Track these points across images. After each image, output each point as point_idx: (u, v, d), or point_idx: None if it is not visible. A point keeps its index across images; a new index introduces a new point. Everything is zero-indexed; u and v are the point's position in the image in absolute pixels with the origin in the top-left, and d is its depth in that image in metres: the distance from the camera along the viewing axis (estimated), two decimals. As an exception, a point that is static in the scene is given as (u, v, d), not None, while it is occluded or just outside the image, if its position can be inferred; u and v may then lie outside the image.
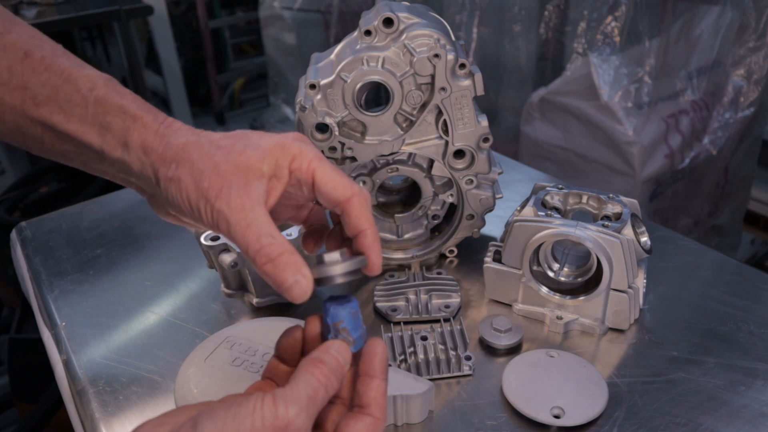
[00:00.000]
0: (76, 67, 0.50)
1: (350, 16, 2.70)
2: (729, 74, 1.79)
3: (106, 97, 0.49)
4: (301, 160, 0.48)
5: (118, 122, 0.49)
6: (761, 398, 0.61)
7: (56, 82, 0.49)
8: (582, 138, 1.78)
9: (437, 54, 0.68)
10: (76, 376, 0.68)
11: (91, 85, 0.49)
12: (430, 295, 0.76)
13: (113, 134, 0.49)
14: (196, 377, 0.62)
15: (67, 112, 0.49)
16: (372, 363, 0.45)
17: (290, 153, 0.48)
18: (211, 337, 0.68)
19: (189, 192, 0.47)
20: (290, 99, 3.12)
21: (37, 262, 0.89)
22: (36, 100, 0.48)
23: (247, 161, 0.47)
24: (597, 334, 0.70)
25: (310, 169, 0.48)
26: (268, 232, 0.45)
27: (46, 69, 0.49)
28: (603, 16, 1.71)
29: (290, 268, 0.44)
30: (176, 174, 0.47)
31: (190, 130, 0.50)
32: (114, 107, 0.49)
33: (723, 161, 1.88)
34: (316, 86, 0.70)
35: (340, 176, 0.48)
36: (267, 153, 0.47)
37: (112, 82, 0.50)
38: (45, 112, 0.49)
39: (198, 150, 0.47)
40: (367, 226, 0.48)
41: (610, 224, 0.69)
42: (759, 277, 0.79)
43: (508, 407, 0.61)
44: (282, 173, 0.48)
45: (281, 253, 0.44)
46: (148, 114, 0.49)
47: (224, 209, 0.45)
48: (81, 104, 0.49)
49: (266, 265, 0.44)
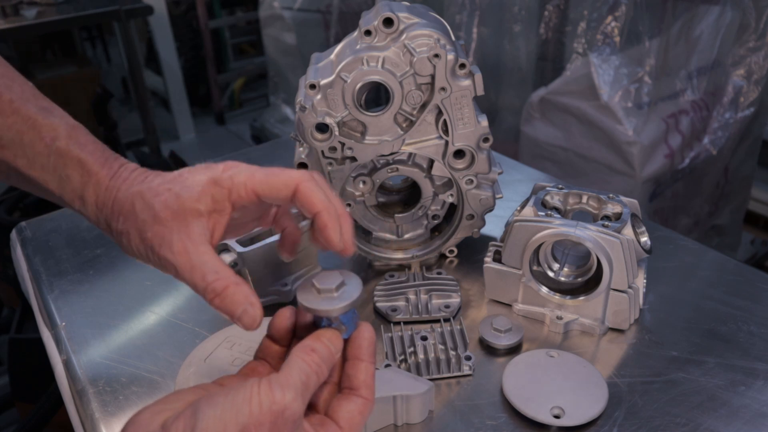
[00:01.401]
0: (42, 113, 0.50)
1: (350, 16, 2.69)
2: (729, 74, 1.79)
3: (67, 149, 0.50)
4: (238, 189, 0.49)
5: (76, 177, 0.50)
6: (761, 398, 0.61)
7: (21, 127, 0.50)
8: (582, 138, 1.78)
9: (437, 54, 0.68)
10: (76, 376, 0.68)
11: (54, 135, 0.50)
12: (430, 295, 0.76)
13: (72, 187, 0.51)
14: (196, 377, 0.62)
15: (29, 158, 0.50)
16: (361, 347, 0.48)
17: (224, 187, 0.49)
18: (211, 337, 0.68)
19: (136, 243, 0.49)
20: (290, 99, 3.12)
21: (37, 262, 0.89)
22: (1, 141, 0.50)
23: (183, 204, 0.48)
24: (597, 334, 0.70)
25: (249, 190, 0.49)
26: (212, 269, 0.47)
27: (13, 113, 0.50)
28: (603, 16, 1.71)
29: (237, 298, 0.46)
30: (124, 227, 0.49)
31: (138, 177, 0.51)
32: (73, 161, 0.50)
33: (723, 161, 1.88)
34: (316, 86, 0.70)
35: (276, 176, 0.49)
36: (201, 192, 0.48)
37: (76, 132, 0.51)
38: (9, 155, 0.50)
39: (140, 201, 0.49)
40: (320, 207, 0.48)
41: (610, 224, 0.69)
42: (759, 277, 0.79)
43: (508, 407, 0.61)
44: (222, 207, 0.49)
45: (226, 287, 0.46)
46: (102, 168, 0.50)
47: (168, 256, 0.47)
48: (43, 153, 0.50)
49: (215, 300, 0.47)
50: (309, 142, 0.72)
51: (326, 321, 0.47)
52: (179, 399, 0.42)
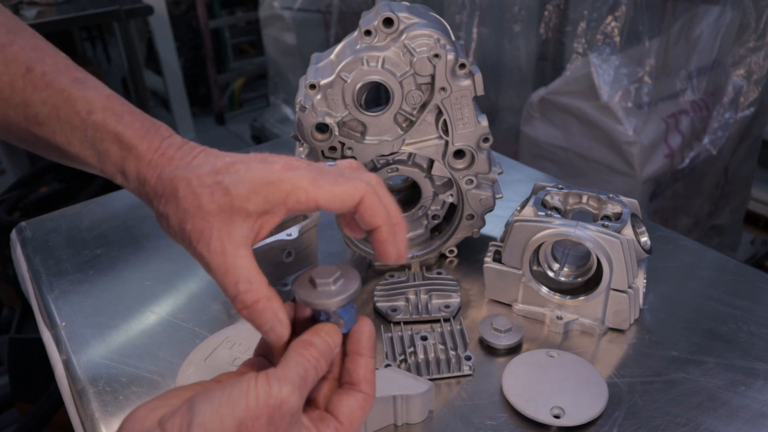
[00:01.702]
0: (76, 85, 0.48)
1: (350, 16, 2.69)
2: (729, 74, 1.79)
3: (104, 123, 0.48)
4: (297, 195, 0.45)
5: (115, 150, 0.48)
6: (761, 398, 0.61)
7: (56, 101, 0.48)
8: (582, 138, 1.78)
9: (437, 54, 0.68)
10: (76, 376, 0.68)
11: (89, 108, 0.48)
12: (430, 295, 0.76)
13: (111, 162, 0.48)
14: (196, 377, 0.62)
15: (67, 134, 0.48)
16: (360, 342, 0.47)
17: (282, 190, 0.45)
18: (211, 337, 0.68)
19: (175, 231, 0.47)
20: (290, 99, 3.12)
21: (37, 262, 0.89)
22: (38, 118, 0.48)
23: (231, 201, 0.45)
24: (597, 334, 0.70)
25: (311, 199, 0.45)
26: (245, 278, 0.44)
27: (47, 86, 0.48)
28: (603, 16, 1.71)
29: (266, 314, 0.44)
30: (165, 210, 0.47)
31: (184, 157, 0.47)
32: (110, 135, 0.48)
33: (723, 161, 1.88)
34: (316, 86, 0.70)
35: (342, 186, 0.46)
36: (253, 191, 0.45)
37: (111, 102, 0.49)
38: (47, 131, 0.48)
39: (185, 187, 0.46)
40: (381, 222, 0.47)
41: (610, 224, 0.69)
42: (759, 277, 0.79)
43: (508, 407, 0.61)
44: (276, 209, 0.46)
45: (257, 300, 0.44)
46: (143, 141, 0.48)
47: (204, 253, 0.45)
48: (80, 127, 0.48)
49: (243, 311, 0.45)
50: (309, 142, 0.72)
51: (324, 315, 0.47)
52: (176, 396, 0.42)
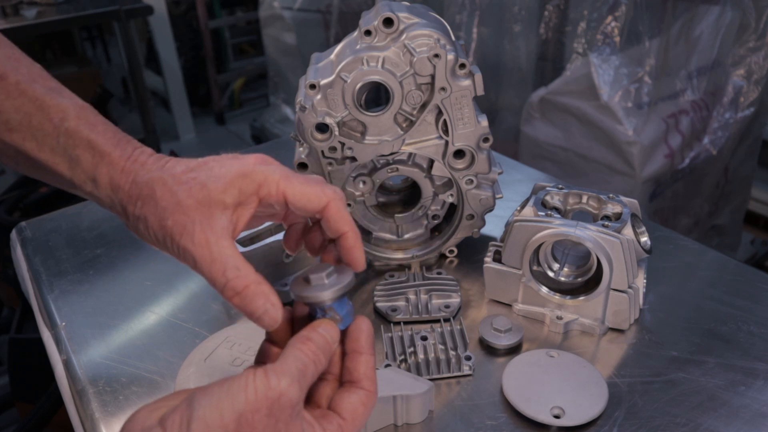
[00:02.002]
0: (50, 94, 0.49)
1: (350, 16, 2.69)
2: (729, 74, 1.79)
3: (77, 130, 0.49)
4: (269, 186, 0.48)
5: (87, 157, 0.49)
6: (761, 398, 0.61)
7: (29, 109, 0.48)
8: (582, 138, 1.78)
9: (437, 54, 0.68)
10: (76, 376, 0.68)
11: (62, 116, 0.49)
12: (430, 295, 0.76)
13: (82, 169, 0.49)
14: (196, 377, 0.62)
15: (38, 140, 0.49)
16: (359, 340, 0.47)
17: (255, 181, 0.47)
18: (211, 337, 0.68)
19: (155, 230, 0.47)
20: (290, 99, 3.12)
21: (37, 262, 0.89)
22: (9, 125, 0.48)
23: (209, 195, 0.46)
24: (597, 334, 0.70)
25: (279, 192, 0.48)
26: (233, 265, 0.45)
27: (21, 94, 0.48)
28: (603, 16, 1.71)
29: (258, 298, 0.45)
30: (142, 212, 0.48)
31: (156, 162, 0.49)
32: (83, 141, 0.49)
33: (723, 161, 1.88)
34: (316, 86, 0.70)
35: (311, 187, 0.48)
36: (229, 183, 0.47)
37: (85, 112, 0.50)
38: (17, 138, 0.49)
39: (161, 187, 0.47)
40: (347, 228, 0.49)
41: (610, 224, 0.69)
42: (759, 277, 0.79)
43: (508, 407, 0.61)
44: (249, 201, 0.48)
45: (247, 285, 0.45)
46: (115, 149, 0.49)
47: (189, 246, 0.46)
48: (52, 134, 0.49)
49: (234, 298, 0.45)
50: (309, 142, 0.72)
51: (320, 312, 0.47)
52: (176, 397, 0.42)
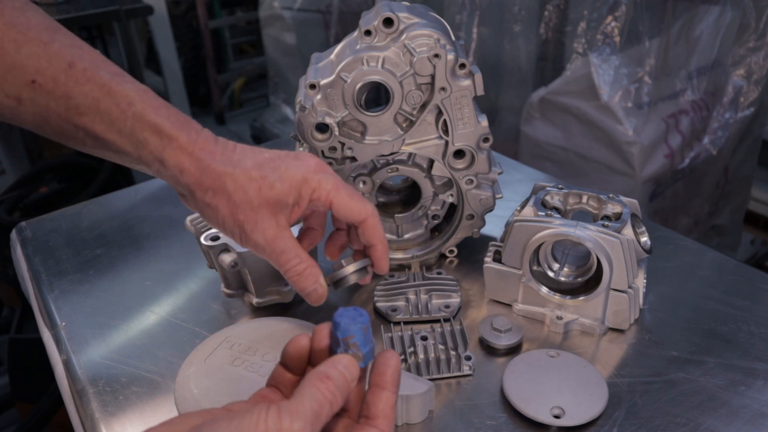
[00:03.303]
0: (115, 79, 0.52)
1: (350, 16, 2.69)
2: (729, 74, 1.79)
3: (143, 114, 0.52)
4: (320, 192, 0.56)
5: (155, 140, 0.52)
6: (761, 398, 0.61)
7: (97, 94, 0.51)
8: (582, 138, 1.78)
9: (437, 54, 0.68)
10: (76, 376, 0.68)
11: (128, 101, 0.52)
12: (430, 295, 0.76)
13: (149, 150, 0.53)
14: (196, 377, 0.62)
15: (107, 123, 0.52)
16: (384, 374, 0.45)
17: (311, 186, 0.56)
18: (211, 337, 0.68)
19: (225, 220, 0.55)
20: (290, 99, 3.12)
21: (37, 262, 0.89)
22: (79, 109, 0.51)
23: (277, 196, 0.55)
24: (597, 334, 0.70)
25: (328, 199, 0.56)
26: (296, 254, 0.56)
27: (88, 80, 0.51)
28: (603, 16, 1.71)
29: (311, 278, 0.57)
30: (213, 201, 0.54)
31: (224, 152, 0.54)
32: (149, 126, 0.52)
33: (723, 161, 1.88)
34: (316, 86, 0.70)
35: (355, 201, 0.57)
36: (292, 187, 0.55)
37: (148, 95, 0.53)
38: (87, 120, 0.52)
39: (233, 183, 0.53)
40: (378, 241, 0.59)
41: (610, 224, 0.69)
42: (759, 277, 0.79)
43: (508, 407, 0.61)
44: (302, 202, 0.56)
45: (306, 268, 0.57)
46: (181, 133, 0.53)
47: (260, 240, 0.55)
48: (120, 118, 0.52)
49: (293, 278, 0.57)
50: (309, 142, 0.72)
51: (343, 347, 0.45)
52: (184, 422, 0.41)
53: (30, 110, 0.51)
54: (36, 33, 0.50)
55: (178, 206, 1.01)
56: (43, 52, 0.50)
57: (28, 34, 0.50)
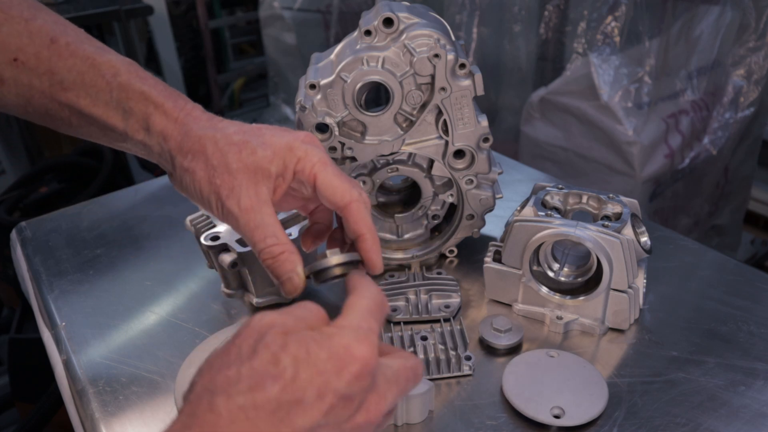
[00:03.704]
0: (99, 52, 0.51)
1: (350, 16, 2.69)
2: (729, 74, 1.79)
3: (129, 83, 0.51)
4: (305, 163, 0.51)
5: (141, 108, 0.51)
6: (761, 398, 0.61)
7: (81, 67, 0.50)
8: (582, 138, 1.78)
9: (437, 54, 0.68)
10: (76, 376, 0.68)
11: (114, 71, 0.51)
12: (430, 295, 0.76)
13: (135, 119, 0.51)
14: (196, 377, 0.62)
15: (92, 96, 0.51)
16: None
17: (296, 155, 0.51)
18: (211, 337, 0.68)
19: (202, 185, 0.50)
20: (290, 99, 3.12)
21: (37, 262, 0.89)
22: (63, 84, 0.50)
23: (258, 162, 0.50)
24: (597, 334, 0.70)
25: (312, 172, 0.51)
26: (272, 232, 0.50)
27: (71, 55, 0.50)
28: (603, 16, 1.71)
29: (287, 264, 0.50)
30: (191, 165, 0.50)
31: (209, 120, 0.52)
32: (136, 93, 0.51)
33: (723, 161, 1.88)
34: (316, 86, 0.70)
35: (341, 181, 0.51)
36: (276, 154, 0.50)
37: (134, 67, 0.52)
38: (72, 96, 0.51)
39: (213, 145, 0.50)
40: (365, 230, 0.51)
41: (610, 224, 0.69)
42: (759, 277, 0.79)
43: (508, 407, 0.61)
44: (287, 173, 0.51)
45: (282, 252, 0.50)
46: (168, 100, 0.51)
47: (234, 209, 0.49)
48: (105, 89, 0.51)
49: (267, 261, 0.50)
50: (309, 142, 0.72)
51: None
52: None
53: (13, 90, 0.51)
54: (17, 11, 0.50)
55: (178, 206, 1.01)
56: (25, 29, 0.50)
57: (9, 12, 0.50)
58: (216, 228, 0.73)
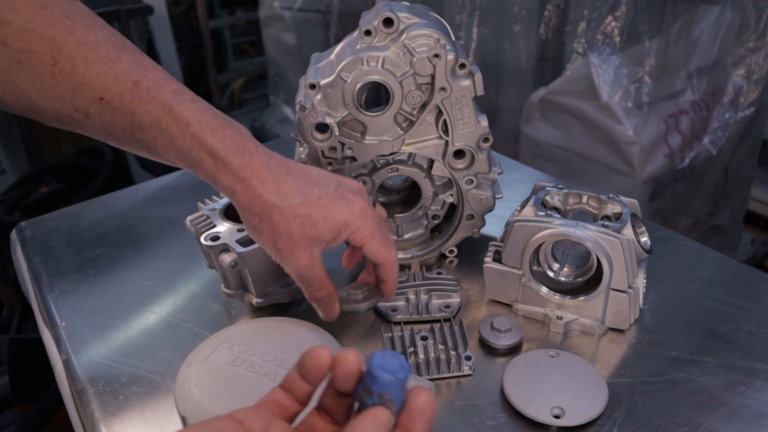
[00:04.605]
0: (176, 99, 0.54)
1: (350, 16, 2.69)
2: (729, 74, 1.79)
3: (200, 136, 0.54)
4: (357, 234, 0.60)
5: (209, 162, 0.55)
6: (761, 398, 0.61)
7: (159, 113, 0.54)
8: (582, 138, 1.78)
9: (437, 54, 0.68)
10: (76, 376, 0.68)
11: (187, 121, 0.54)
12: (430, 295, 0.76)
13: (204, 171, 0.56)
14: (196, 377, 0.62)
15: (167, 141, 0.55)
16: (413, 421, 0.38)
17: (350, 229, 0.60)
18: (211, 337, 0.68)
19: (266, 243, 0.60)
20: (290, 99, 3.12)
21: (37, 262, 0.89)
22: (141, 126, 0.54)
23: (317, 234, 0.58)
24: (597, 334, 0.70)
25: (361, 242, 0.61)
26: (319, 282, 0.62)
27: (152, 99, 0.53)
28: (603, 16, 1.71)
29: (328, 306, 0.64)
30: (258, 226, 0.58)
31: (274, 183, 0.57)
32: (205, 147, 0.55)
33: (723, 161, 1.88)
34: (316, 86, 0.70)
35: (383, 248, 0.62)
36: (334, 228, 0.59)
37: (206, 115, 0.55)
38: (149, 136, 0.55)
39: (279, 215, 0.57)
40: (391, 281, 0.65)
41: (610, 224, 0.69)
42: (759, 277, 0.79)
43: (508, 407, 0.61)
44: (339, 239, 0.60)
45: (324, 296, 0.63)
46: (235, 156, 0.55)
47: (291, 266, 0.60)
48: (179, 137, 0.54)
49: (313, 301, 0.64)
50: (309, 142, 0.72)
51: (377, 399, 0.38)
52: None
53: (97, 123, 0.54)
54: (104, 51, 0.53)
55: (178, 206, 1.01)
56: (111, 70, 0.53)
57: (97, 51, 0.52)
58: (216, 228, 0.73)
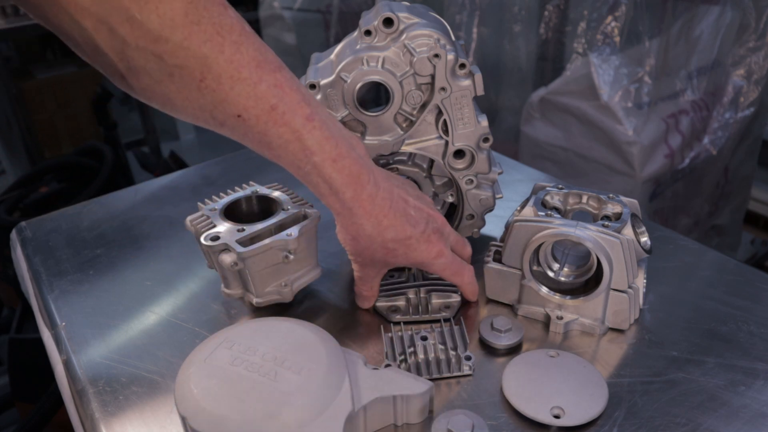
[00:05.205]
0: (306, 126, 0.58)
1: (350, 16, 2.69)
2: (729, 74, 1.79)
3: (321, 166, 0.59)
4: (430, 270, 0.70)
5: (325, 188, 0.61)
6: (761, 398, 0.61)
7: (289, 137, 0.57)
8: (582, 138, 1.78)
9: (437, 54, 0.68)
10: (76, 376, 0.68)
11: (312, 150, 0.58)
12: (430, 295, 0.76)
13: (318, 192, 0.61)
14: (196, 377, 0.62)
15: (290, 161, 0.59)
16: None
17: (423, 266, 0.69)
18: (211, 337, 0.68)
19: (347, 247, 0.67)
20: (290, 99, 3.11)
21: (37, 262, 0.89)
22: (270, 145, 0.58)
23: (394, 263, 0.68)
24: (597, 334, 0.71)
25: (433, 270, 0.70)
26: (370, 286, 0.72)
27: (284, 124, 0.57)
28: (603, 16, 1.71)
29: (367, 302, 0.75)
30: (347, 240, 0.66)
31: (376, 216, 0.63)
32: (324, 176, 0.59)
33: (723, 161, 1.88)
34: (316, 86, 0.70)
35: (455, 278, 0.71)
36: (409, 262, 0.67)
37: (330, 144, 0.59)
38: (275, 155, 0.59)
39: (370, 242, 0.64)
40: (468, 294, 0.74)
41: (610, 224, 0.69)
42: (759, 277, 0.79)
43: (508, 407, 0.61)
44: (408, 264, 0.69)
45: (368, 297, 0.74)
46: (348, 188, 0.60)
47: (358, 274, 0.71)
48: (302, 161, 0.59)
49: (357, 301, 0.75)
50: (309, 142, 0.72)
51: None
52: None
53: (229, 132, 0.58)
54: (247, 72, 0.55)
55: (178, 206, 1.01)
56: (252, 92, 0.55)
57: (241, 72, 0.54)
58: (216, 228, 0.73)
